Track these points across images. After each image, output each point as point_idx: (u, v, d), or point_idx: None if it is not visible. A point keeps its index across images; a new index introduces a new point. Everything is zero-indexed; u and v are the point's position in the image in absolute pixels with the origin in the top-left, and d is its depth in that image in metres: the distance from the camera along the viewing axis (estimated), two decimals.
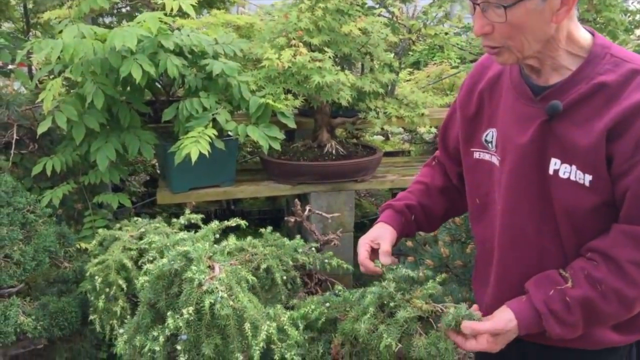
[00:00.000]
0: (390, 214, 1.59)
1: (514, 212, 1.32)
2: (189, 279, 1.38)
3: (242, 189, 3.20)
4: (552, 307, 1.22)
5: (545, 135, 1.24)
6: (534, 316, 1.24)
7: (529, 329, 1.25)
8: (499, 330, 1.26)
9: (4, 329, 1.77)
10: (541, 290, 1.24)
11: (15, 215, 1.97)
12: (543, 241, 1.30)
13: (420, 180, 1.68)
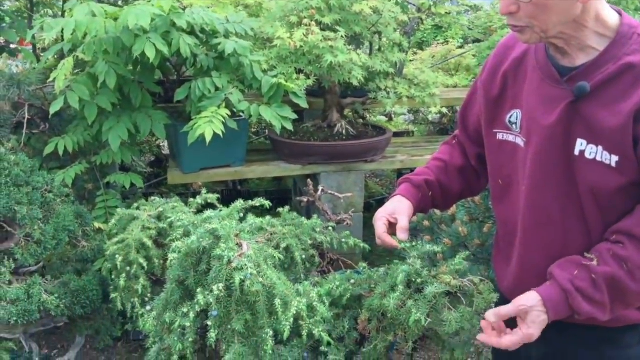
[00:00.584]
0: (408, 187, 1.58)
1: (539, 193, 1.32)
2: (217, 256, 1.39)
3: (253, 169, 3.20)
4: (578, 285, 1.21)
5: (572, 116, 1.24)
6: (561, 296, 1.23)
7: (559, 310, 1.23)
8: (521, 306, 1.23)
9: (28, 307, 1.78)
10: (566, 271, 1.24)
11: (34, 195, 1.97)
12: (568, 222, 1.30)
13: (439, 157, 1.67)
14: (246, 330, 1.40)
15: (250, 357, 1.38)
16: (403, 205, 1.55)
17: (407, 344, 1.53)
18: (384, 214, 1.53)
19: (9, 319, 1.76)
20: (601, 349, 1.37)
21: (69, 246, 2.18)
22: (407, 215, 1.54)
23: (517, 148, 1.38)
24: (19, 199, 1.89)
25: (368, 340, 1.58)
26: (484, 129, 1.47)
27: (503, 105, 1.40)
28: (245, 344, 1.39)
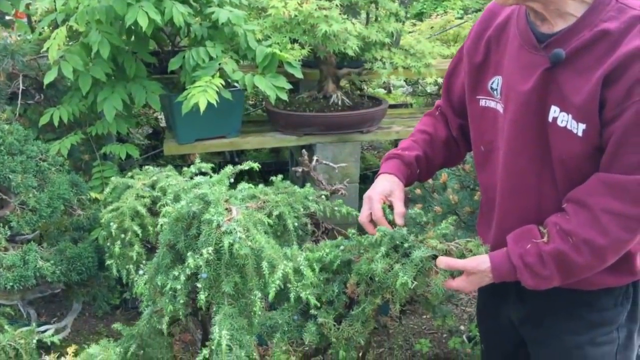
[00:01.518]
0: (398, 165, 1.59)
1: (515, 159, 1.34)
2: (207, 221, 1.41)
3: (248, 140, 3.21)
4: (527, 261, 1.26)
5: (547, 83, 1.25)
6: (509, 268, 1.29)
7: (504, 278, 1.31)
8: (470, 267, 1.33)
9: (24, 273, 1.81)
10: (519, 245, 1.29)
11: (29, 163, 1.99)
12: (542, 187, 1.33)
13: (424, 129, 1.67)
14: (235, 292, 1.42)
15: (240, 317, 1.41)
16: (396, 186, 1.56)
17: (395, 307, 1.55)
18: (381, 196, 1.54)
19: (6, 284, 1.79)
20: (577, 311, 1.40)
21: (65, 215, 2.20)
22: (402, 199, 1.55)
23: (497, 114, 1.39)
24: (13, 167, 1.90)
25: (357, 304, 1.61)
26: (467, 96, 1.47)
27: (486, 71, 1.41)
28: (234, 306, 1.42)
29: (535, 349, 1.52)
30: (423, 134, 1.65)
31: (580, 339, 1.41)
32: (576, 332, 1.41)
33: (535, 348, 1.52)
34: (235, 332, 1.39)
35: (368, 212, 1.52)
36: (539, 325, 1.47)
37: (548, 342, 1.46)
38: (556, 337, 1.44)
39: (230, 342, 1.36)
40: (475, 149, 1.50)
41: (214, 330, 1.37)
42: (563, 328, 1.43)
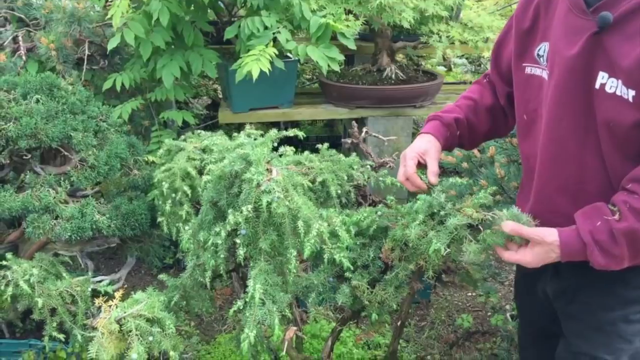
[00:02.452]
0: (437, 125, 1.58)
1: (558, 126, 1.30)
2: (248, 180, 1.46)
3: (301, 111, 3.25)
4: (598, 238, 1.20)
5: (594, 48, 1.21)
6: (579, 245, 1.22)
7: (572, 256, 1.24)
8: (539, 235, 1.26)
9: (82, 224, 1.93)
10: (589, 221, 1.23)
11: (89, 123, 2.10)
12: (585, 157, 1.28)
13: (468, 96, 1.66)
14: (272, 250, 1.47)
15: (274, 274, 1.46)
16: (432, 145, 1.56)
17: (428, 273, 1.56)
18: (414, 154, 1.54)
19: (64, 234, 1.92)
20: (611, 287, 1.37)
21: (122, 175, 2.32)
22: (437, 158, 1.55)
23: (542, 82, 1.36)
24: (75, 125, 2.02)
25: (391, 269, 1.63)
26: (513, 63, 1.44)
27: (533, 37, 1.38)
28: (270, 263, 1.47)
29: (568, 323, 1.49)
30: (467, 99, 1.63)
31: (614, 315, 1.38)
32: (610, 308, 1.38)
33: (568, 323, 1.49)
34: (269, 288, 1.44)
35: (403, 170, 1.53)
36: (573, 301, 1.45)
37: (581, 317, 1.44)
38: (589, 312, 1.42)
39: (263, 296, 1.41)
40: (519, 117, 1.47)
41: (248, 284, 1.42)
42: (597, 303, 1.40)
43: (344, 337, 2.39)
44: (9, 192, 1.95)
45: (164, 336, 1.47)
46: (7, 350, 2.02)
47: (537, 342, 1.76)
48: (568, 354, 1.51)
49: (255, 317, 1.40)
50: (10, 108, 1.96)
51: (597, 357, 1.43)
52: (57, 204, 1.94)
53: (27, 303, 1.82)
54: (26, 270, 1.80)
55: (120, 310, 1.45)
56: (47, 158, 2.14)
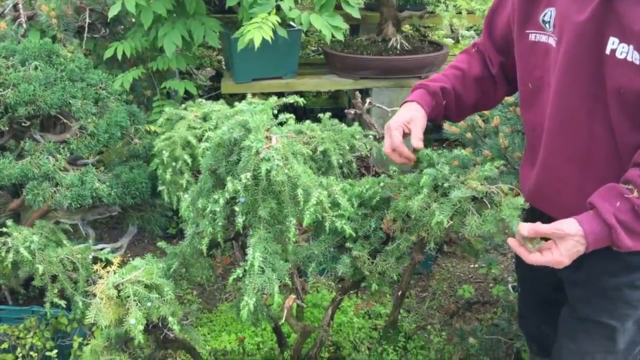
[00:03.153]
0: (423, 94, 1.53)
1: (566, 93, 1.27)
2: (247, 147, 1.44)
3: (304, 81, 3.21)
4: (621, 218, 1.15)
5: (605, 13, 1.17)
6: (604, 229, 1.17)
7: (598, 242, 1.19)
8: (559, 229, 1.19)
9: (82, 192, 1.93)
10: (608, 203, 1.17)
11: (89, 91, 2.08)
12: (593, 125, 1.26)
13: (456, 65, 1.60)
14: (271, 218, 1.46)
15: (274, 243, 1.45)
16: (417, 113, 1.51)
17: (430, 245, 1.55)
18: (400, 124, 1.49)
19: (64, 202, 1.92)
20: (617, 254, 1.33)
21: (122, 144, 2.31)
22: (422, 125, 1.50)
23: (549, 49, 1.32)
24: (74, 92, 2.00)
25: (392, 240, 1.62)
26: (516, 31, 1.40)
27: (538, 3, 1.34)
28: (270, 231, 1.46)
29: (573, 290, 1.49)
30: (455, 69, 1.58)
31: (619, 280, 1.37)
32: (615, 274, 1.37)
33: (573, 289, 1.49)
34: (268, 256, 1.43)
35: (389, 142, 1.49)
36: (579, 268, 1.43)
37: (586, 283, 1.44)
38: (595, 278, 1.41)
39: (262, 264, 1.40)
40: (522, 87, 1.44)
41: (248, 252, 1.42)
42: (602, 269, 1.39)
43: (344, 306, 2.40)
44: (8, 159, 1.94)
45: (163, 302, 1.47)
46: (10, 317, 2.04)
47: (537, 311, 1.76)
48: (573, 320, 1.51)
49: (254, 285, 1.40)
50: (9, 75, 1.94)
51: (601, 323, 1.44)
52: (56, 171, 1.93)
53: (28, 270, 1.83)
54: (26, 237, 1.80)
55: (119, 276, 1.45)
56: (47, 126, 2.13)
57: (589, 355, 1.48)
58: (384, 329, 2.21)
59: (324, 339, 1.90)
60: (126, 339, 1.61)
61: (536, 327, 1.79)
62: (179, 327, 1.51)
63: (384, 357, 2.13)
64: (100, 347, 1.60)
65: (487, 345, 2.21)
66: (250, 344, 2.24)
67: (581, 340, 1.49)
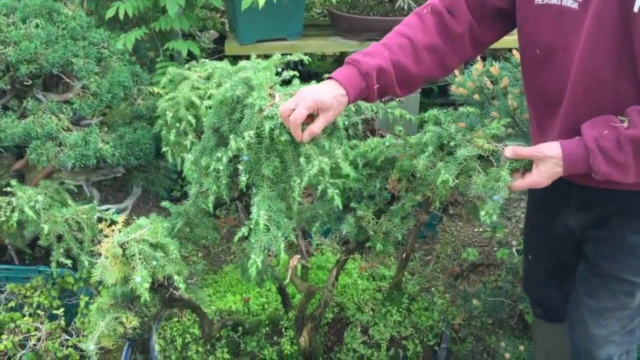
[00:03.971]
0: (353, 75, 1.35)
1: (593, 56, 1.23)
2: (250, 105, 1.42)
3: (309, 43, 3.16)
4: (602, 144, 1.17)
5: None
6: (581, 153, 1.19)
7: (576, 166, 1.21)
8: (538, 151, 1.23)
9: (85, 152, 1.92)
10: (595, 130, 1.19)
11: (90, 50, 2.05)
12: (619, 86, 1.23)
13: (403, 32, 1.40)
14: (275, 177, 1.45)
15: (278, 201, 1.44)
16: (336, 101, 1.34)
17: (435, 204, 1.53)
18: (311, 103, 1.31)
19: (68, 161, 1.91)
20: None
21: (126, 105, 2.28)
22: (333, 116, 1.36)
23: (563, 11, 1.28)
24: (75, 51, 1.97)
25: (397, 200, 1.61)
26: None
27: None
28: (274, 189, 1.45)
29: (596, 247, 1.49)
30: (401, 37, 1.39)
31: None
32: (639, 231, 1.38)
33: (596, 246, 1.49)
34: (273, 214, 1.42)
35: (291, 109, 1.31)
36: (604, 226, 1.43)
37: (611, 240, 1.43)
38: (620, 235, 1.41)
39: (267, 222, 1.40)
40: (529, 52, 1.39)
41: (252, 210, 1.41)
42: (628, 227, 1.39)
43: (348, 268, 2.40)
44: (11, 118, 1.93)
45: (168, 261, 1.47)
46: (17, 276, 2.06)
47: (550, 277, 1.75)
48: (595, 277, 1.52)
49: (260, 243, 1.39)
50: (9, 32, 1.91)
51: (623, 279, 1.45)
52: (60, 131, 1.92)
53: (34, 229, 1.83)
54: (31, 196, 1.80)
55: (124, 235, 1.45)
56: (49, 85, 2.11)
57: (608, 312, 1.50)
58: (388, 290, 2.22)
59: (328, 300, 1.91)
60: (132, 297, 1.62)
61: (545, 292, 1.78)
62: (185, 285, 1.52)
63: (387, 318, 2.15)
64: (106, 305, 1.61)
65: (490, 307, 2.22)
66: (255, 304, 2.26)
67: (603, 297, 1.50)
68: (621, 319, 1.50)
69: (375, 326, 2.13)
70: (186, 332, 2.14)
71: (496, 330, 2.31)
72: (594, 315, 1.52)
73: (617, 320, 1.51)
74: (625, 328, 1.52)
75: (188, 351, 2.07)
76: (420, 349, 2.09)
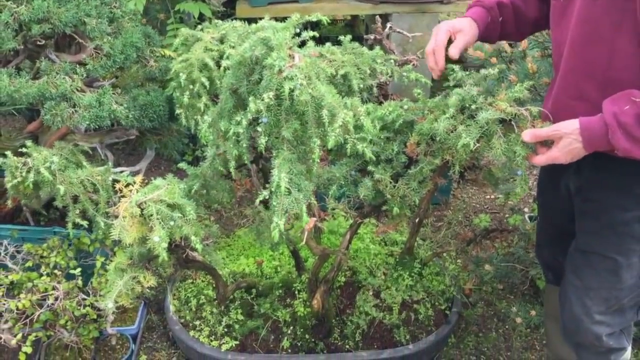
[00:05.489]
0: (478, 10, 1.51)
1: (592, 4, 1.22)
2: (269, 65, 1.39)
3: (322, 5, 3.11)
4: (622, 120, 1.16)
5: None
6: (601, 129, 1.18)
7: (595, 141, 1.20)
8: (556, 130, 1.24)
9: (100, 113, 1.91)
10: (616, 105, 1.18)
11: (103, 9, 2.01)
12: (617, 40, 1.21)
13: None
14: (295, 139, 1.44)
15: (298, 163, 1.43)
16: (469, 26, 1.50)
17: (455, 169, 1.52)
18: (448, 27, 1.49)
19: (82, 122, 1.90)
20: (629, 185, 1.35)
21: (137, 67, 2.26)
22: (470, 38, 1.49)
23: None
24: (88, 11, 1.94)
25: (415, 163, 1.60)
26: None
27: None
28: (294, 152, 1.44)
29: (581, 221, 1.49)
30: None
31: (628, 215, 1.37)
32: (625, 208, 1.37)
33: (581, 220, 1.49)
34: (294, 177, 1.41)
35: (434, 41, 1.49)
36: (588, 198, 1.43)
37: (595, 215, 1.43)
38: (604, 211, 1.40)
39: (289, 184, 1.39)
40: (554, 1, 1.38)
41: (273, 173, 1.40)
42: (613, 203, 1.39)
43: (361, 233, 2.41)
44: (24, 78, 1.91)
45: (185, 222, 1.47)
46: (33, 237, 2.07)
47: (553, 241, 1.76)
48: (579, 254, 1.52)
49: (282, 206, 1.39)
50: None
51: (606, 256, 1.44)
52: (73, 91, 1.90)
53: (49, 190, 1.84)
54: (46, 157, 1.80)
55: (141, 194, 1.45)
56: (62, 46, 2.08)
57: (593, 291, 1.49)
58: (400, 255, 2.24)
59: (342, 263, 1.92)
60: (149, 257, 1.63)
61: (552, 256, 1.79)
62: (201, 246, 1.52)
63: (399, 282, 2.17)
64: (123, 265, 1.62)
65: (502, 272, 2.23)
66: (268, 267, 2.28)
67: (586, 276, 1.50)
68: (608, 299, 1.48)
69: (387, 290, 2.15)
70: (200, 294, 2.16)
71: (507, 295, 2.33)
72: (579, 295, 1.52)
73: (603, 300, 1.49)
74: (612, 308, 1.50)
75: (202, 312, 2.10)
76: (431, 312, 2.11)
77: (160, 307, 2.31)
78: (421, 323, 2.08)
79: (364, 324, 2.05)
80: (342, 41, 2.01)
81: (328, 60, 1.90)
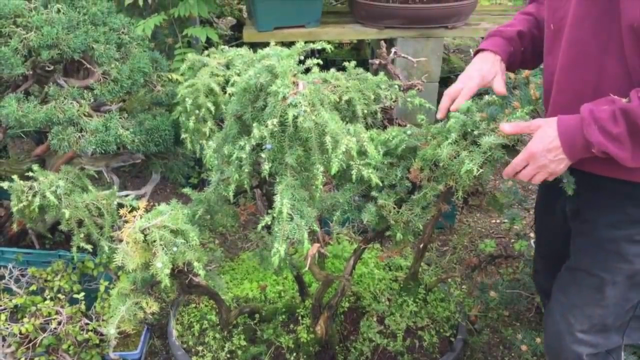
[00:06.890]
0: (499, 42, 1.50)
1: (580, 27, 1.25)
2: (273, 92, 1.41)
3: (327, 30, 3.14)
4: (597, 115, 1.18)
5: None
6: (576, 122, 1.20)
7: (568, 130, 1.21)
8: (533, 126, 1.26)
9: (106, 138, 1.92)
10: (593, 105, 1.20)
11: (111, 35, 2.04)
12: (605, 62, 1.23)
13: (525, 11, 1.58)
14: (298, 165, 1.44)
15: (301, 189, 1.44)
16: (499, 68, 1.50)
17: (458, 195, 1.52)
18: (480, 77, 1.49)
19: (89, 147, 1.92)
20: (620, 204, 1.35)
21: (145, 92, 2.28)
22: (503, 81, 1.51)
23: None
24: (96, 37, 1.97)
25: (419, 189, 1.60)
26: None
27: None
28: (297, 178, 1.44)
29: (575, 240, 1.49)
30: (524, 15, 1.56)
31: (617, 233, 1.36)
32: (614, 226, 1.37)
33: (575, 239, 1.49)
34: (296, 203, 1.42)
35: (460, 87, 1.49)
36: (585, 220, 1.44)
37: (587, 233, 1.44)
38: (595, 229, 1.41)
39: (291, 211, 1.39)
40: (547, 28, 1.41)
41: (276, 199, 1.40)
42: (603, 221, 1.39)
43: (365, 258, 2.40)
44: (33, 103, 1.93)
45: (188, 248, 1.48)
46: (38, 260, 2.08)
47: (549, 266, 1.75)
48: (566, 271, 1.53)
49: (284, 232, 1.39)
50: (31, 17, 1.91)
51: (591, 273, 1.44)
52: (81, 116, 1.93)
53: (55, 214, 1.85)
54: (52, 181, 1.81)
55: (145, 220, 1.45)
56: (70, 71, 2.11)
57: (577, 309, 1.49)
58: (405, 280, 2.22)
59: (346, 288, 1.91)
60: (152, 282, 1.63)
61: (549, 282, 1.78)
62: (204, 272, 1.52)
63: (404, 308, 2.15)
64: (126, 290, 1.62)
65: (507, 298, 2.21)
66: (271, 292, 2.27)
67: (571, 293, 1.50)
68: (591, 317, 1.47)
69: (391, 316, 2.13)
70: (203, 319, 2.15)
71: (513, 322, 2.31)
72: (563, 311, 1.51)
73: (586, 318, 1.48)
74: (596, 327, 1.49)
75: (205, 337, 2.08)
76: (436, 339, 2.09)
77: (163, 331, 2.29)
78: (426, 350, 2.06)
79: (368, 350, 2.03)
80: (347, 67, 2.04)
81: (332, 86, 1.92)
